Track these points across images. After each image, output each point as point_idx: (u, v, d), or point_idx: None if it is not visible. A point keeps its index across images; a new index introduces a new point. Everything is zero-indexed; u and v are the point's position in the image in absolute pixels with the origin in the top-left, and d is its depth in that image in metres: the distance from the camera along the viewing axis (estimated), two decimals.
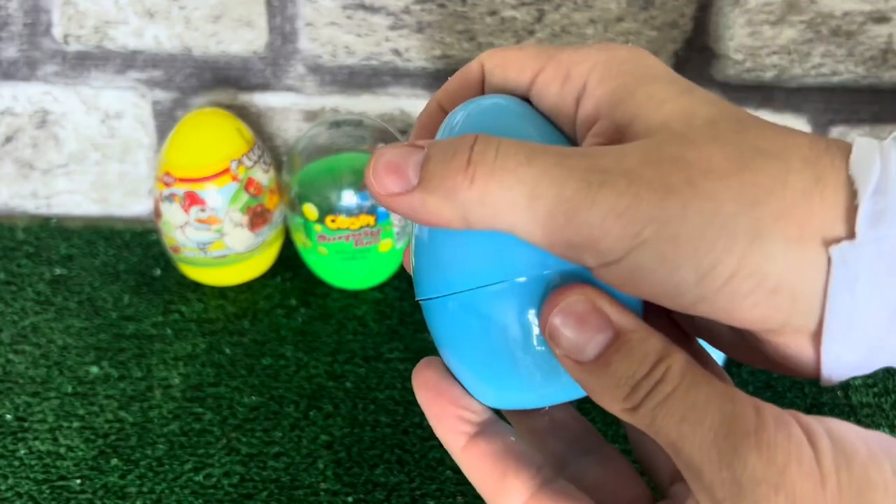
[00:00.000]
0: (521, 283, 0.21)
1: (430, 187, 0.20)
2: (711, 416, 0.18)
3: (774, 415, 0.18)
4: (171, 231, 0.58)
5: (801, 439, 0.18)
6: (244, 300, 0.61)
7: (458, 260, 0.22)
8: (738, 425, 0.18)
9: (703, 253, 0.19)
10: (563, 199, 0.19)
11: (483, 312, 0.22)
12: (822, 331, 0.19)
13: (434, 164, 0.20)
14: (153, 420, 0.51)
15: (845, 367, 0.20)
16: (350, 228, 0.57)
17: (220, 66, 0.65)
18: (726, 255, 0.19)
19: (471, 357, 0.22)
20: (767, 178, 0.19)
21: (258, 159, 0.59)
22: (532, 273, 0.21)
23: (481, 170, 0.20)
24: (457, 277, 0.22)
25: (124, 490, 0.47)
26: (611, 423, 0.51)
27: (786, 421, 0.18)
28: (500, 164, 0.19)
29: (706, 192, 0.19)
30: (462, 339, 0.22)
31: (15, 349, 0.56)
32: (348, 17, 0.63)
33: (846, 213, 0.19)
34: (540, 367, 0.21)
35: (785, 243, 0.19)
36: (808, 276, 0.19)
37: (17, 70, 0.65)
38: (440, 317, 0.23)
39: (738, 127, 0.20)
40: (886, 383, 0.56)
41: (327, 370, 0.55)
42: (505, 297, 0.21)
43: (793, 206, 0.19)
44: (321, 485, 0.48)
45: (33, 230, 0.68)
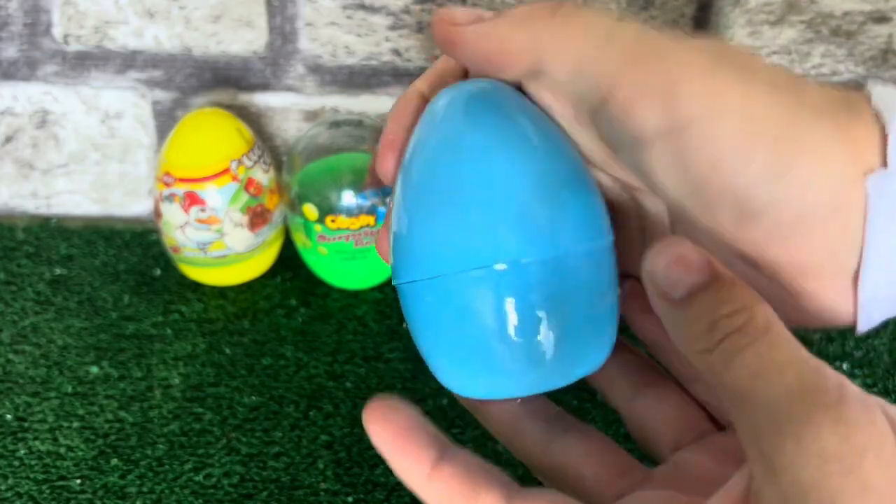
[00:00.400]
0: (501, 271, 0.21)
1: (507, 15, 0.20)
2: (789, 378, 0.17)
3: (859, 396, 0.17)
4: (171, 231, 0.58)
5: (886, 428, 0.16)
6: (244, 300, 0.61)
7: (438, 243, 0.22)
8: (817, 395, 0.17)
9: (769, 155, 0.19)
10: (643, 39, 0.19)
11: (460, 298, 0.21)
12: (861, 266, 0.19)
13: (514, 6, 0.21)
14: (153, 420, 0.51)
15: (883, 305, 0.20)
16: (350, 228, 0.57)
17: (220, 66, 0.65)
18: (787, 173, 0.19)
19: (446, 343, 0.22)
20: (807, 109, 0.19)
21: (258, 159, 0.59)
22: (512, 260, 0.21)
23: (565, 8, 0.20)
24: (435, 261, 0.22)
25: (124, 490, 0.47)
26: (612, 422, 0.51)
27: (871, 405, 0.17)
28: (583, 10, 0.20)
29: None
30: (438, 326, 0.22)
31: (15, 349, 0.56)
32: (348, 17, 0.63)
33: (879, 144, 0.19)
34: (517, 357, 0.21)
35: (827, 175, 0.19)
36: (851, 208, 0.19)
37: (16, 70, 0.65)
38: (416, 301, 0.23)
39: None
40: (886, 383, 0.56)
41: (327, 370, 0.55)
42: (484, 283, 0.21)
43: (829, 139, 0.19)
44: (321, 485, 0.48)
45: (33, 230, 0.68)
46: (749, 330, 0.18)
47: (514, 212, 0.21)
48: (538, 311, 0.21)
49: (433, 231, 0.22)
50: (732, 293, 0.19)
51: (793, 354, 0.18)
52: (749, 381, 0.18)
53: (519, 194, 0.21)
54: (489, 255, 0.21)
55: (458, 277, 0.21)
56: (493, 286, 0.21)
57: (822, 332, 0.60)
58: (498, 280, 0.21)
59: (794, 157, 0.19)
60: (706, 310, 0.19)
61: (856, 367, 0.57)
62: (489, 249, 0.21)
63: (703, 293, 0.19)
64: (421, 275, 0.22)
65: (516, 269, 0.21)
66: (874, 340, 0.59)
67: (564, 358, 0.22)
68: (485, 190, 0.21)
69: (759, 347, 0.18)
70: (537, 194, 0.21)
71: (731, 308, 0.18)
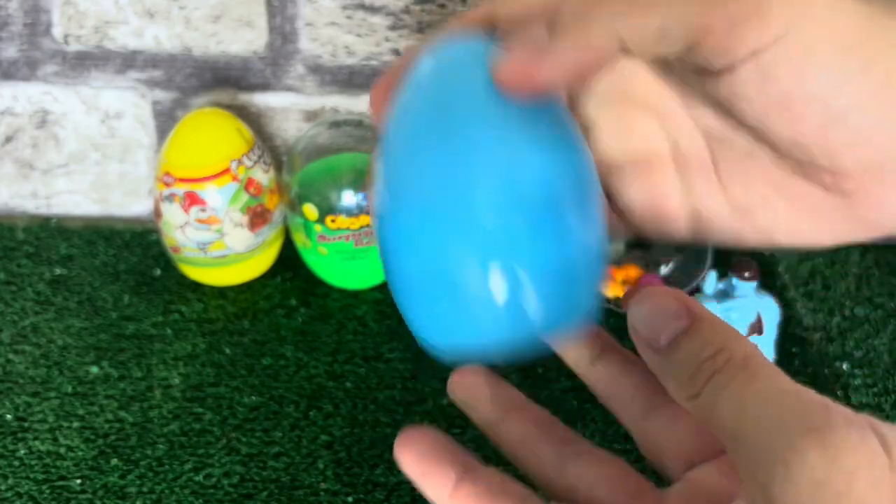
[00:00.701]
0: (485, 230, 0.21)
1: (571, 26, 0.20)
2: (773, 409, 0.17)
3: (845, 416, 0.17)
4: (171, 231, 0.58)
5: (876, 447, 0.16)
6: (244, 300, 0.61)
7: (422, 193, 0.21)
8: (802, 421, 0.17)
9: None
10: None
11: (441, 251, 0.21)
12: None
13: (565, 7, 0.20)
14: (153, 420, 0.51)
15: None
16: (350, 228, 0.57)
17: (220, 66, 0.65)
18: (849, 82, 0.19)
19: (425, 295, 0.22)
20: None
21: (258, 159, 0.59)
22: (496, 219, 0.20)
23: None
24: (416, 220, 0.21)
25: (124, 490, 0.47)
26: (611, 422, 0.51)
27: (858, 424, 0.17)
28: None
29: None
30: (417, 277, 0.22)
31: (15, 349, 0.56)
32: (348, 18, 0.63)
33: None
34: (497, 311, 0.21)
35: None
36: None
37: (17, 70, 0.65)
38: (396, 261, 0.22)
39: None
40: (886, 383, 0.56)
41: (327, 370, 0.55)
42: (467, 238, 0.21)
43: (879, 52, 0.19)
44: (321, 485, 0.48)
45: (33, 230, 0.68)
46: (729, 368, 0.19)
47: (500, 170, 0.21)
48: (520, 269, 0.21)
49: (417, 189, 0.21)
50: (712, 333, 0.19)
51: (774, 383, 0.18)
52: (735, 419, 0.18)
53: (502, 152, 0.21)
54: (473, 214, 0.21)
55: (442, 237, 0.21)
56: (477, 244, 0.21)
57: (821, 331, 0.60)
58: (482, 236, 0.21)
59: (875, 55, 0.19)
60: (690, 355, 0.19)
61: (856, 366, 0.57)
62: (473, 208, 0.21)
63: (686, 338, 0.20)
64: (405, 234, 0.22)
65: (500, 227, 0.20)
66: (874, 340, 0.59)
67: (548, 320, 0.22)
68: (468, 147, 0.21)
69: (739, 383, 0.18)
70: (526, 154, 0.21)
71: (711, 350, 0.19)
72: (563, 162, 0.22)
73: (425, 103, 0.22)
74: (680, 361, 0.19)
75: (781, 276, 0.65)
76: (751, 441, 0.17)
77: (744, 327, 0.55)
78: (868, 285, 0.65)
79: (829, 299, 0.63)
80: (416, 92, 0.23)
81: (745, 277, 0.54)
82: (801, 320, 0.61)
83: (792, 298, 0.63)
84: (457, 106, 0.22)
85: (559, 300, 0.22)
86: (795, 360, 0.57)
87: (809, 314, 0.62)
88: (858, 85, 0.19)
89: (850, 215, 0.22)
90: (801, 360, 0.57)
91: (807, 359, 0.58)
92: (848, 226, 0.22)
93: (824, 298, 0.63)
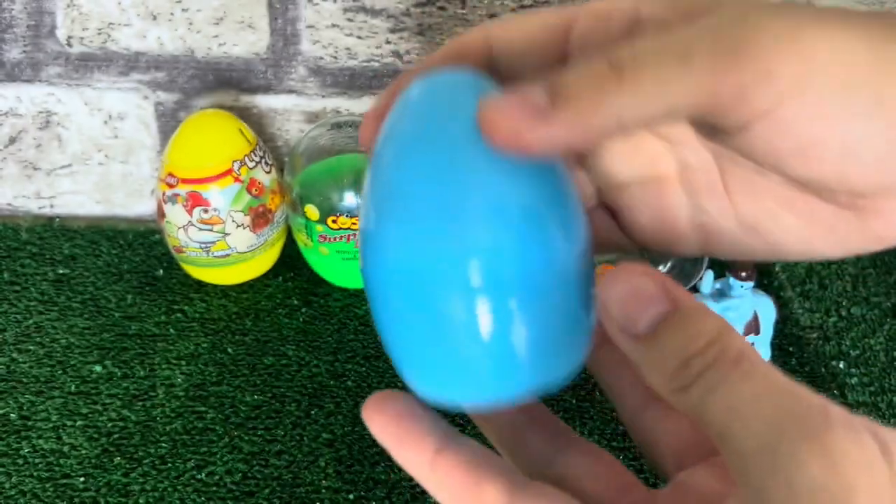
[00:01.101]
0: (474, 267, 0.20)
1: (571, 101, 0.18)
2: (769, 410, 0.16)
3: (844, 420, 0.16)
4: (174, 231, 0.59)
5: (875, 452, 0.16)
6: (246, 300, 0.62)
7: (407, 235, 0.20)
8: (800, 424, 0.16)
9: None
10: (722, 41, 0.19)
11: (430, 295, 0.20)
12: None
13: (567, 77, 0.19)
14: (156, 419, 0.52)
15: None
16: (351, 228, 0.58)
17: (223, 67, 0.65)
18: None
19: (415, 343, 0.21)
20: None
21: (260, 160, 0.60)
22: (484, 257, 0.20)
23: (629, 64, 0.18)
24: (400, 256, 0.20)
25: (127, 488, 0.47)
26: (609, 420, 0.52)
27: (857, 428, 0.16)
28: (640, 51, 0.19)
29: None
30: (406, 323, 0.21)
31: (19, 348, 0.57)
32: (349, 20, 0.63)
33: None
34: (489, 359, 0.20)
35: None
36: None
37: (20, 71, 0.65)
38: (380, 296, 0.21)
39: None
40: (882, 382, 0.56)
41: (329, 369, 0.55)
42: (455, 280, 0.20)
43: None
44: (323, 482, 0.48)
45: (37, 230, 0.69)
46: (722, 364, 0.17)
47: (488, 205, 0.20)
48: (511, 311, 0.20)
49: (402, 224, 0.20)
50: (700, 324, 0.18)
51: (769, 383, 0.17)
52: (728, 418, 0.17)
53: (493, 187, 0.20)
54: (461, 250, 0.20)
55: (429, 272, 0.20)
56: (465, 282, 0.20)
57: (818, 330, 0.61)
58: (470, 276, 0.20)
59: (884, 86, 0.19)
60: (676, 346, 0.18)
61: (852, 366, 0.57)
62: (461, 244, 0.20)
63: (670, 326, 0.18)
64: (389, 268, 0.21)
65: (489, 266, 0.20)
66: (870, 339, 0.60)
67: (539, 362, 0.21)
68: (459, 183, 0.20)
69: (734, 381, 0.17)
70: (513, 189, 0.20)
71: (701, 342, 0.18)
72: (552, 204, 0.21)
73: (413, 133, 0.22)
74: (664, 352, 0.18)
75: (778, 275, 0.66)
76: (745, 442, 0.17)
77: (741, 327, 0.55)
78: (864, 285, 0.65)
79: (825, 299, 0.64)
80: (405, 120, 0.22)
81: (741, 277, 0.54)
82: (797, 320, 0.62)
83: (788, 298, 0.64)
84: (444, 137, 0.21)
85: (550, 341, 0.21)
86: (792, 360, 0.58)
87: (806, 314, 0.62)
88: (871, 118, 0.19)
89: (863, 231, 0.22)
90: (797, 359, 0.58)
91: (803, 358, 0.58)
92: (859, 239, 0.22)
93: (821, 298, 0.64)
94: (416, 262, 0.20)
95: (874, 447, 0.16)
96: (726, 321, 0.19)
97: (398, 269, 0.20)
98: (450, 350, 0.20)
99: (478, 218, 0.20)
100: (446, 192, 0.20)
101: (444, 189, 0.20)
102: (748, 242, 0.24)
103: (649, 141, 0.25)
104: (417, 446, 0.21)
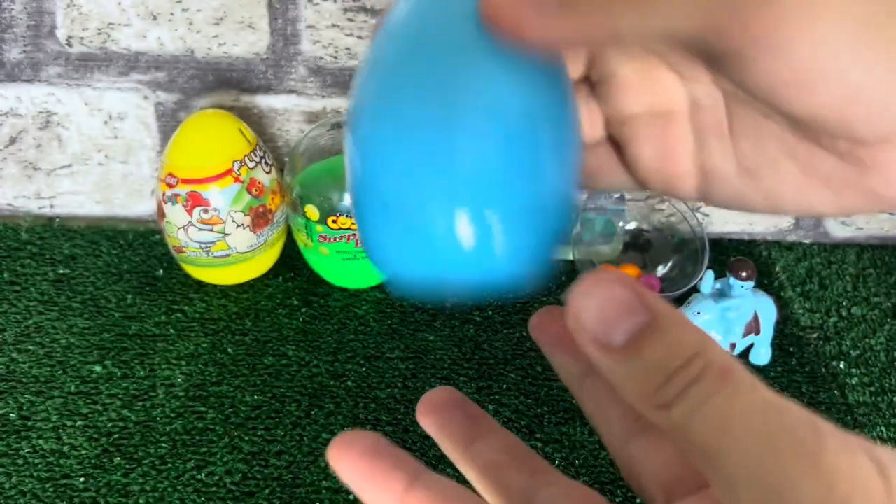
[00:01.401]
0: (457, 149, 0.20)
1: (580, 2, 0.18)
2: (759, 429, 0.16)
3: (837, 437, 0.16)
4: (174, 231, 0.59)
5: (870, 471, 0.15)
6: (246, 300, 0.62)
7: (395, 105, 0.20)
8: (791, 443, 0.15)
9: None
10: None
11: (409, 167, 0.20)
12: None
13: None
14: (156, 419, 0.52)
15: None
16: (351, 228, 0.58)
17: (223, 67, 0.65)
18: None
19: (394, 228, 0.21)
20: None
21: (260, 160, 0.60)
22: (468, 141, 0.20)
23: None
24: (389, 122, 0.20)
25: (127, 488, 0.47)
26: None
27: (851, 446, 0.16)
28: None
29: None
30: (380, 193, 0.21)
31: (19, 348, 0.57)
32: (349, 20, 0.63)
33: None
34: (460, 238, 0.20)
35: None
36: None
37: (21, 72, 0.65)
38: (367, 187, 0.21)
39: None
40: (883, 382, 0.56)
41: (328, 369, 0.55)
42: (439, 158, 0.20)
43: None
44: (323, 482, 0.48)
45: (37, 230, 0.69)
46: (707, 379, 0.17)
47: (483, 105, 0.20)
48: (489, 206, 0.20)
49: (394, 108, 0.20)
50: (681, 336, 0.17)
51: (756, 398, 0.16)
52: (715, 437, 0.16)
53: (491, 89, 0.20)
54: (449, 144, 0.20)
55: (416, 160, 0.20)
56: (450, 172, 0.20)
57: (818, 330, 0.61)
58: (455, 168, 0.20)
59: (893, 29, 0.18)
60: (657, 360, 0.17)
61: (853, 366, 0.57)
62: (450, 137, 0.20)
63: (649, 339, 0.17)
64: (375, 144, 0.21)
65: (474, 162, 0.20)
66: (871, 339, 0.60)
67: (512, 254, 0.21)
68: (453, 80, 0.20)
69: (720, 398, 0.16)
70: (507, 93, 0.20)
71: (683, 356, 0.17)
72: (545, 104, 0.21)
73: (407, 28, 0.22)
74: (644, 367, 0.17)
75: (778, 275, 0.66)
76: (734, 462, 0.16)
77: (741, 327, 0.55)
78: (865, 285, 0.65)
79: (825, 299, 0.64)
80: (399, 17, 0.22)
81: (742, 277, 0.54)
82: (798, 320, 0.62)
83: (789, 298, 0.64)
84: (440, 33, 0.21)
85: (525, 239, 0.21)
86: (792, 360, 0.58)
87: (806, 314, 0.62)
88: (874, 60, 0.19)
89: (860, 186, 0.21)
90: (797, 359, 0.58)
91: (804, 358, 0.58)
92: (856, 197, 0.22)
93: (821, 298, 0.64)
94: (405, 152, 0.20)
95: (869, 466, 0.15)
96: (705, 332, 0.18)
97: (383, 160, 0.20)
98: (427, 243, 0.20)
99: (470, 114, 0.20)
100: (440, 88, 0.20)
101: (438, 84, 0.20)
102: (746, 190, 0.24)
103: (664, 73, 0.24)
104: (386, 482, 0.20)
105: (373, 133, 0.21)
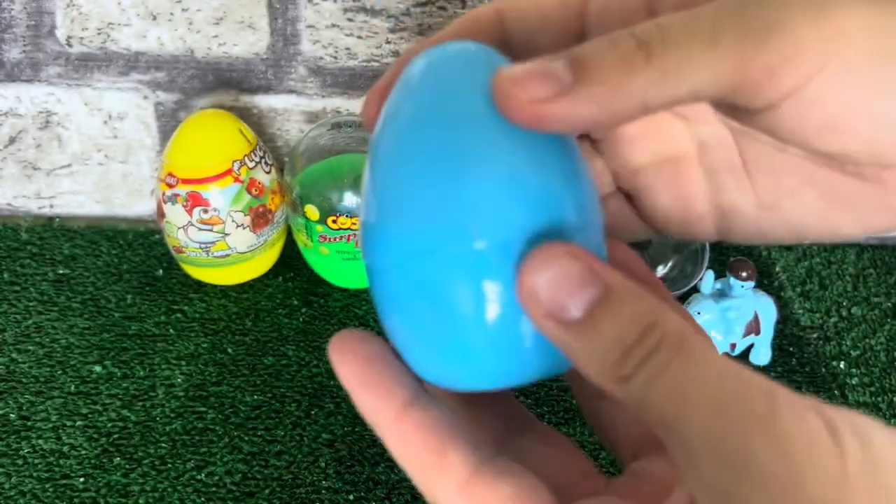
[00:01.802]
0: (479, 250, 0.19)
1: (595, 78, 0.18)
2: (713, 395, 0.16)
3: (790, 401, 0.16)
4: (173, 231, 0.59)
5: (822, 434, 0.15)
6: (246, 300, 0.62)
7: (410, 218, 0.19)
8: (745, 408, 0.15)
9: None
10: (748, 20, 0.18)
11: (434, 279, 0.19)
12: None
13: (592, 53, 0.18)
14: (156, 419, 0.52)
15: None
16: (351, 228, 0.58)
17: (223, 67, 0.65)
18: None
19: (418, 329, 0.20)
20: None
21: (260, 160, 0.60)
22: (492, 238, 0.19)
23: (657, 43, 0.18)
24: (405, 238, 0.19)
25: (127, 488, 0.47)
26: None
27: (804, 410, 0.16)
28: (667, 30, 0.18)
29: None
30: (409, 309, 0.20)
31: (18, 348, 0.57)
32: (349, 20, 0.63)
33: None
34: (494, 345, 0.19)
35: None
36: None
37: (20, 71, 0.65)
38: (383, 281, 0.21)
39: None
40: (883, 382, 0.56)
41: (329, 369, 0.55)
42: (460, 263, 0.19)
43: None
44: (323, 483, 0.48)
45: (36, 230, 0.69)
46: (663, 349, 0.16)
47: (499, 185, 0.19)
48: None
49: (405, 200, 0.19)
50: (636, 306, 0.17)
51: (712, 366, 0.16)
52: (672, 405, 0.16)
53: (500, 165, 0.19)
54: (467, 232, 0.19)
55: (433, 256, 0.19)
56: (471, 266, 0.19)
57: (818, 331, 0.61)
58: (476, 260, 0.19)
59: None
60: (614, 332, 0.17)
61: (853, 366, 0.57)
62: (467, 225, 0.19)
63: (604, 311, 0.17)
64: (389, 252, 0.20)
65: (496, 248, 0.19)
66: (871, 340, 0.60)
67: (543, 349, 0.20)
68: (463, 159, 0.19)
69: (677, 367, 0.16)
70: (521, 165, 0.19)
71: (640, 328, 0.17)
72: (566, 184, 0.20)
73: (418, 108, 0.20)
74: (601, 340, 0.17)
75: (778, 275, 0.66)
76: (691, 431, 0.16)
77: (741, 327, 0.55)
78: (865, 285, 0.65)
79: (826, 299, 0.64)
80: (409, 96, 0.21)
81: (742, 277, 0.54)
82: (798, 320, 0.62)
83: (789, 298, 0.64)
84: (453, 113, 0.20)
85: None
86: (792, 360, 0.58)
87: (806, 314, 0.62)
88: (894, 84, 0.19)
89: (885, 206, 0.21)
90: (797, 359, 0.58)
91: (803, 358, 0.58)
92: (881, 217, 0.22)
93: (821, 298, 0.64)
94: (422, 244, 0.19)
95: (821, 429, 0.15)
96: (659, 299, 0.18)
97: (403, 251, 0.20)
98: (454, 334, 0.19)
99: (487, 198, 0.19)
100: (453, 170, 0.19)
101: (452, 166, 0.19)
102: (767, 223, 0.23)
103: (667, 120, 0.24)
104: (386, 396, 0.20)
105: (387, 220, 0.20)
